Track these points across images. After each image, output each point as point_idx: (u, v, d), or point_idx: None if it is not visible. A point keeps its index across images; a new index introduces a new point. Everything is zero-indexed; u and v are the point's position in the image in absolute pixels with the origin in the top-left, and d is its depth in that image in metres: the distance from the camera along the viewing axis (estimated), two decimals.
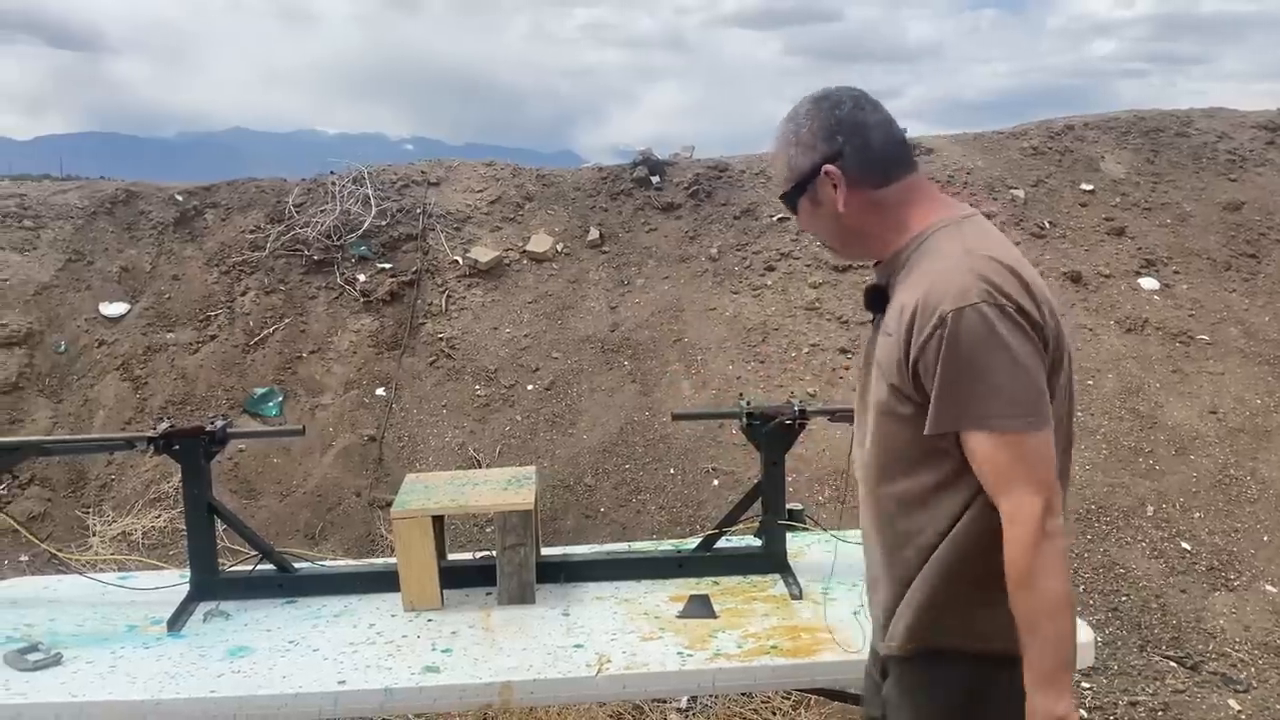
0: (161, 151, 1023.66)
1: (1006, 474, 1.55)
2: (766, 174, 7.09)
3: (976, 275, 1.56)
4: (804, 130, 1.74)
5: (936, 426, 1.59)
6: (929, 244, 1.68)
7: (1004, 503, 1.56)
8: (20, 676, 2.28)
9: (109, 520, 5.00)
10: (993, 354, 1.54)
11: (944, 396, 1.57)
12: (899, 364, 1.62)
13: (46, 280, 6.18)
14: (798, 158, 1.74)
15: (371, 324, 6.11)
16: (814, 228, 1.80)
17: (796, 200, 1.77)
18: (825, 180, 1.72)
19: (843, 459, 5.15)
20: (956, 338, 1.54)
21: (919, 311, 1.58)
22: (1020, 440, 1.54)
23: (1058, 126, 7.58)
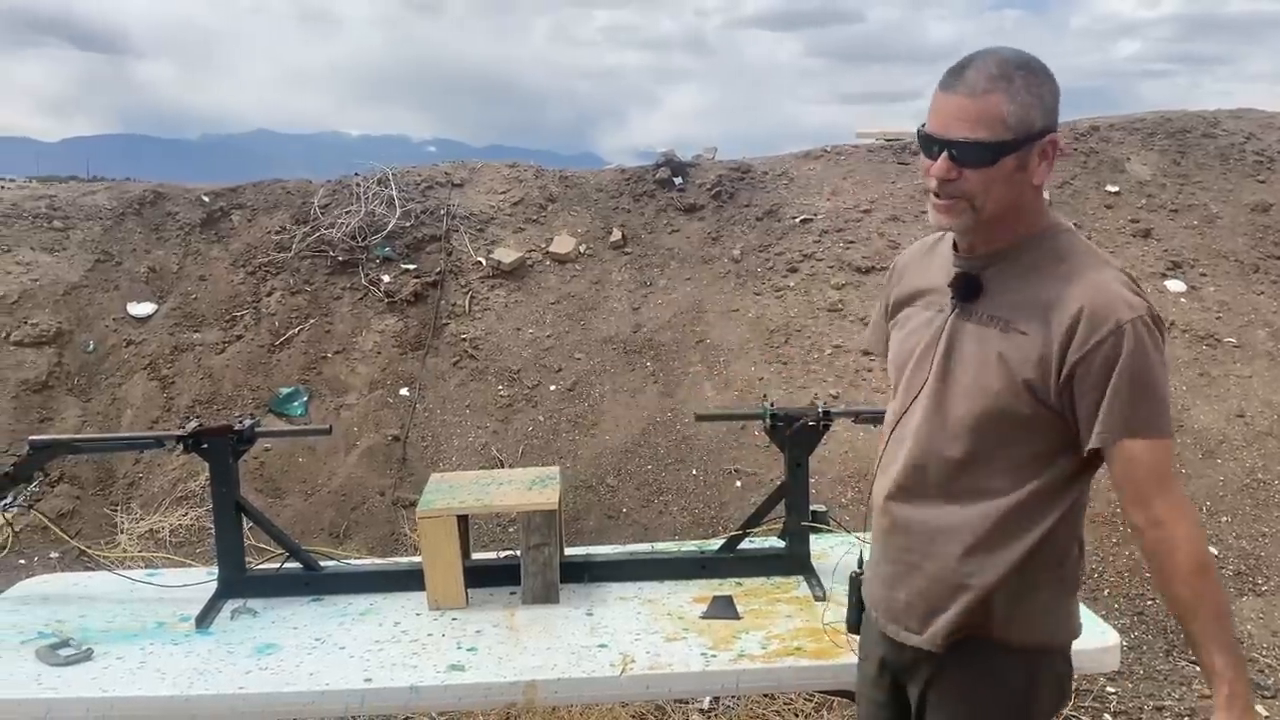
0: (185, 153, 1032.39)
1: (1163, 475, 1.59)
2: (789, 175, 7.09)
3: (1131, 289, 1.59)
4: (1045, 89, 1.59)
5: (1106, 438, 1.58)
6: (1058, 245, 1.65)
7: (1161, 501, 1.58)
8: (52, 671, 2.30)
9: (137, 518, 5.06)
10: (1155, 366, 1.57)
11: (1120, 405, 1.56)
12: (1041, 362, 1.59)
13: (75, 280, 6.26)
14: (1034, 113, 1.56)
15: (395, 324, 6.14)
16: (988, 188, 1.59)
17: (1005, 154, 1.56)
18: (1046, 148, 1.59)
19: (865, 461, 5.15)
20: (1132, 350, 1.55)
21: (1085, 317, 1.56)
22: (1170, 447, 1.61)
23: (1083, 127, 7.52)
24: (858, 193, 6.89)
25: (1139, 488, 1.59)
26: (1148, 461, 1.58)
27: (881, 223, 6.60)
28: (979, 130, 1.55)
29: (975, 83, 1.56)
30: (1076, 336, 1.56)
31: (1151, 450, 1.57)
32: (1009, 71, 1.56)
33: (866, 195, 6.84)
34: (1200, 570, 1.57)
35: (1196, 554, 1.57)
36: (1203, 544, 1.60)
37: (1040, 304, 1.60)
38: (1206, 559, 1.60)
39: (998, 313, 1.65)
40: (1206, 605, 1.57)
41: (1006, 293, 1.65)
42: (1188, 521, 1.59)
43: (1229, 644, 1.58)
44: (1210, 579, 1.58)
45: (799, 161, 7.32)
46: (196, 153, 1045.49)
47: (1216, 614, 1.57)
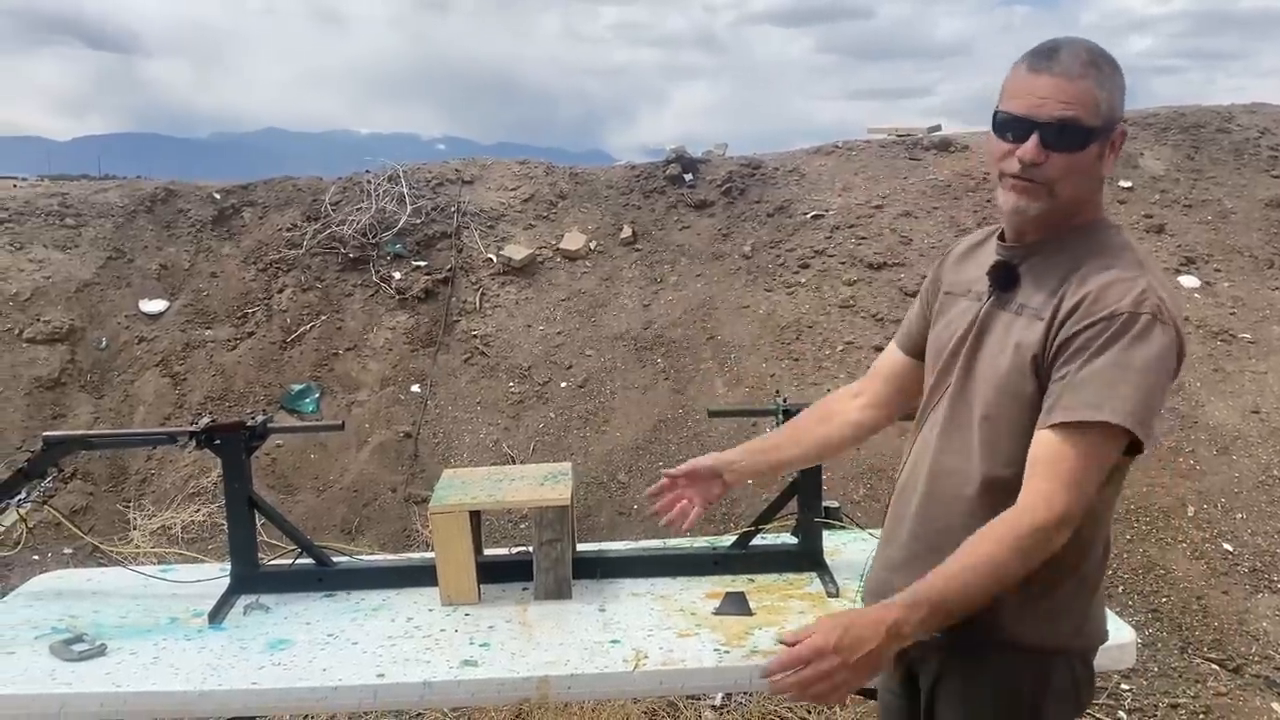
0: (196, 151, 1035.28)
1: (1069, 467, 1.50)
2: (800, 171, 7.07)
3: (1154, 290, 1.53)
4: (1119, 80, 1.59)
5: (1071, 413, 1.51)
6: (1099, 239, 1.62)
7: (1045, 484, 1.51)
8: (66, 666, 2.31)
9: (149, 514, 5.07)
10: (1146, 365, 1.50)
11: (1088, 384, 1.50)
12: (1044, 342, 1.56)
13: (88, 278, 6.28)
14: (1116, 102, 1.58)
15: (406, 321, 6.15)
16: (1069, 174, 1.58)
17: (1093, 140, 1.56)
18: (1118, 138, 1.60)
19: (878, 457, 5.14)
20: (1122, 335, 1.50)
21: (1088, 301, 1.53)
22: (1107, 450, 1.51)
23: None
24: (869, 188, 6.87)
25: (1041, 460, 1.53)
26: (1068, 440, 1.51)
27: (894, 219, 6.57)
28: (1075, 112, 1.54)
29: (1070, 66, 1.54)
30: (1075, 315, 1.53)
31: (1072, 436, 1.50)
32: (1097, 59, 1.56)
33: (878, 191, 6.82)
34: (1000, 543, 1.50)
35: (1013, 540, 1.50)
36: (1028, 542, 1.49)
37: (1066, 291, 1.57)
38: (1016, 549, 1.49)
39: (1029, 301, 1.62)
40: (967, 557, 1.51)
41: (1045, 282, 1.61)
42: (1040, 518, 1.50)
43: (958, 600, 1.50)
44: (998, 562, 1.49)
45: (810, 157, 7.30)
46: (208, 151, 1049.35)
47: (983, 577, 1.50)
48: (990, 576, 1.50)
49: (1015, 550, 1.49)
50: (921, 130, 7.56)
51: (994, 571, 1.50)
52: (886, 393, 2.05)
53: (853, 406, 2.10)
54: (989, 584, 1.50)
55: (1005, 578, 1.51)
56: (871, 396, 2.08)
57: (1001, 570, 1.50)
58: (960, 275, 1.82)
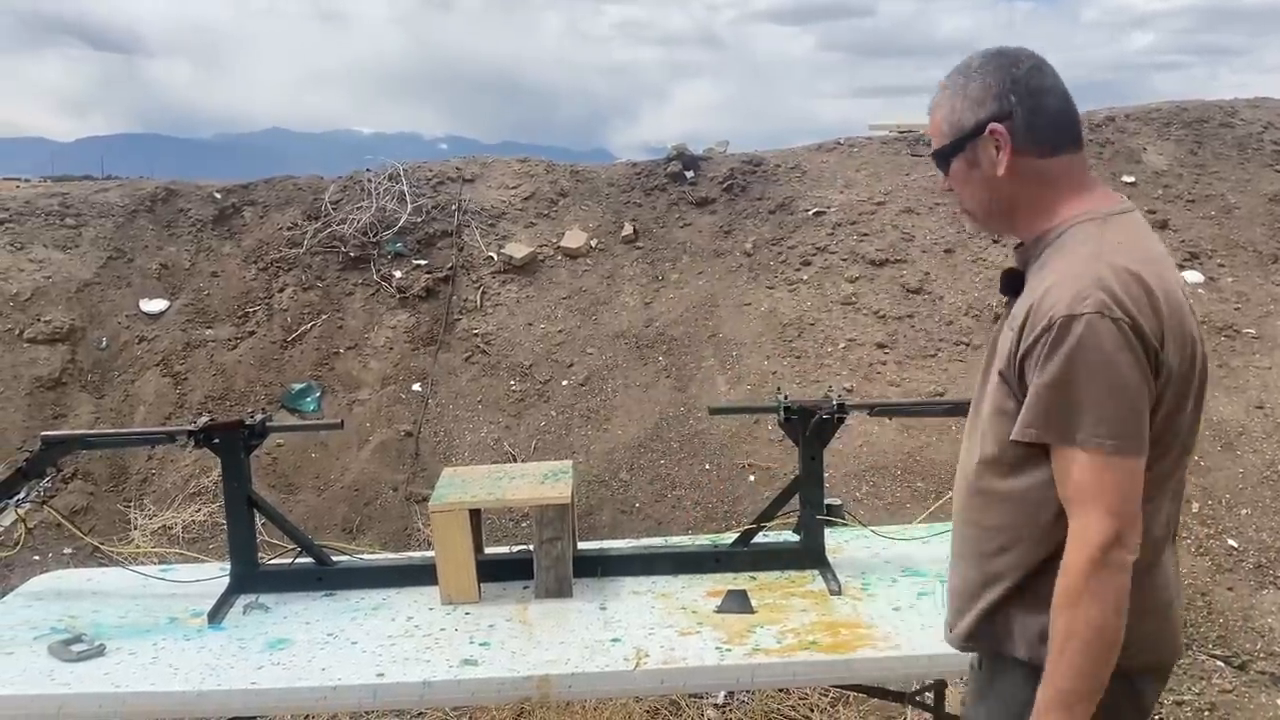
0: (200, 152, 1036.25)
1: (1082, 493, 1.48)
2: (802, 168, 7.05)
3: (1098, 283, 1.47)
4: (974, 84, 1.63)
5: (1022, 433, 1.52)
6: (1066, 236, 1.59)
7: (1074, 521, 1.49)
8: (65, 667, 2.30)
9: (150, 514, 5.06)
10: (1093, 369, 1.46)
11: (1034, 405, 1.50)
12: (1010, 357, 1.56)
13: (88, 278, 6.27)
14: (963, 112, 1.63)
15: (407, 320, 6.14)
16: (963, 192, 1.69)
17: (951, 158, 1.66)
18: (989, 140, 1.61)
19: (880, 455, 5.12)
20: (1059, 346, 1.47)
21: (1033, 311, 1.51)
22: (1105, 462, 1.46)
23: (1098, 118, 7.46)
24: (871, 185, 6.85)
25: (1064, 497, 1.51)
26: (1069, 473, 1.49)
27: (895, 215, 6.55)
28: (934, 143, 1.68)
29: (932, 102, 1.69)
30: (1025, 329, 1.52)
31: (1074, 461, 1.48)
32: (947, 82, 1.66)
33: (880, 188, 6.80)
34: (1065, 602, 1.48)
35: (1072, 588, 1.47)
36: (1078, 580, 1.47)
37: (1024, 299, 1.57)
38: (1079, 595, 1.46)
39: (1014, 310, 1.61)
40: (1056, 641, 1.49)
41: (1025, 291, 1.61)
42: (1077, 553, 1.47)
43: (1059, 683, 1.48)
44: (1071, 614, 1.47)
45: (812, 154, 7.28)
46: (210, 152, 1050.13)
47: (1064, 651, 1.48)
48: (1083, 635, 1.47)
49: (1078, 602, 1.47)
50: (923, 127, 7.53)
51: (1085, 629, 1.46)
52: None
53: None
54: (1087, 641, 1.47)
55: (1098, 628, 1.46)
56: None
57: (1086, 623, 1.46)
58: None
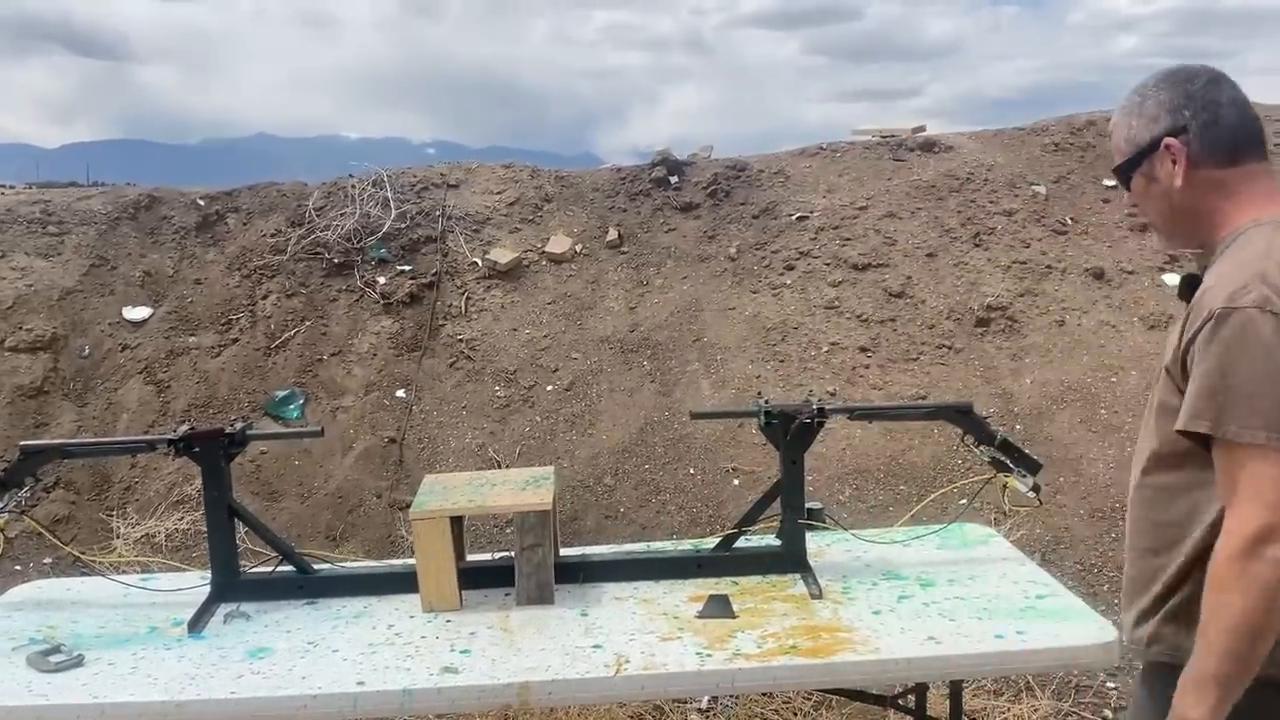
0: (186, 158, 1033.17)
1: (1236, 486, 1.50)
2: (785, 173, 7.08)
3: (1260, 277, 1.51)
4: (1149, 102, 1.70)
5: (1184, 424, 1.55)
6: (1241, 239, 1.62)
7: (1228, 513, 1.51)
8: (42, 678, 2.29)
9: (133, 523, 5.04)
10: (1250, 360, 1.48)
11: (1195, 395, 1.53)
12: (1174, 351, 1.61)
13: (70, 285, 6.24)
14: (1139, 129, 1.70)
15: (391, 326, 6.13)
16: (1145, 206, 1.75)
17: (1131, 174, 1.73)
18: (1165, 154, 1.67)
19: (863, 458, 5.14)
20: (1215, 338, 1.50)
21: (1196, 304, 1.56)
22: (1261, 455, 1.47)
23: (1080, 122, 7.51)
24: (854, 190, 6.87)
25: (1223, 490, 1.54)
26: (1224, 466, 1.52)
27: (878, 219, 6.58)
28: (1115, 158, 1.76)
29: (1114, 116, 1.77)
30: (1189, 323, 1.57)
31: (1228, 454, 1.51)
32: (1125, 102, 1.74)
33: (863, 192, 6.83)
34: (1214, 587, 1.50)
35: (1221, 576, 1.49)
36: (1222, 568, 1.49)
37: (1197, 299, 1.60)
38: (1226, 583, 1.48)
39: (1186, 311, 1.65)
40: (1205, 621, 1.51)
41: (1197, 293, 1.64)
42: (1229, 543, 1.49)
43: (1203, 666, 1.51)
44: (1221, 598, 1.49)
45: (795, 159, 7.31)
46: (197, 157, 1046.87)
47: (1207, 634, 1.51)
48: (1226, 619, 1.48)
49: (1226, 589, 1.48)
50: (906, 131, 7.57)
51: (1228, 613, 1.48)
52: None
53: None
54: (1230, 627, 1.48)
55: (1241, 614, 1.47)
56: None
57: (1230, 608, 1.48)
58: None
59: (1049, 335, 5.86)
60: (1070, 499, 4.89)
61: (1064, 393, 5.50)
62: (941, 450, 5.11)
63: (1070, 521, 4.77)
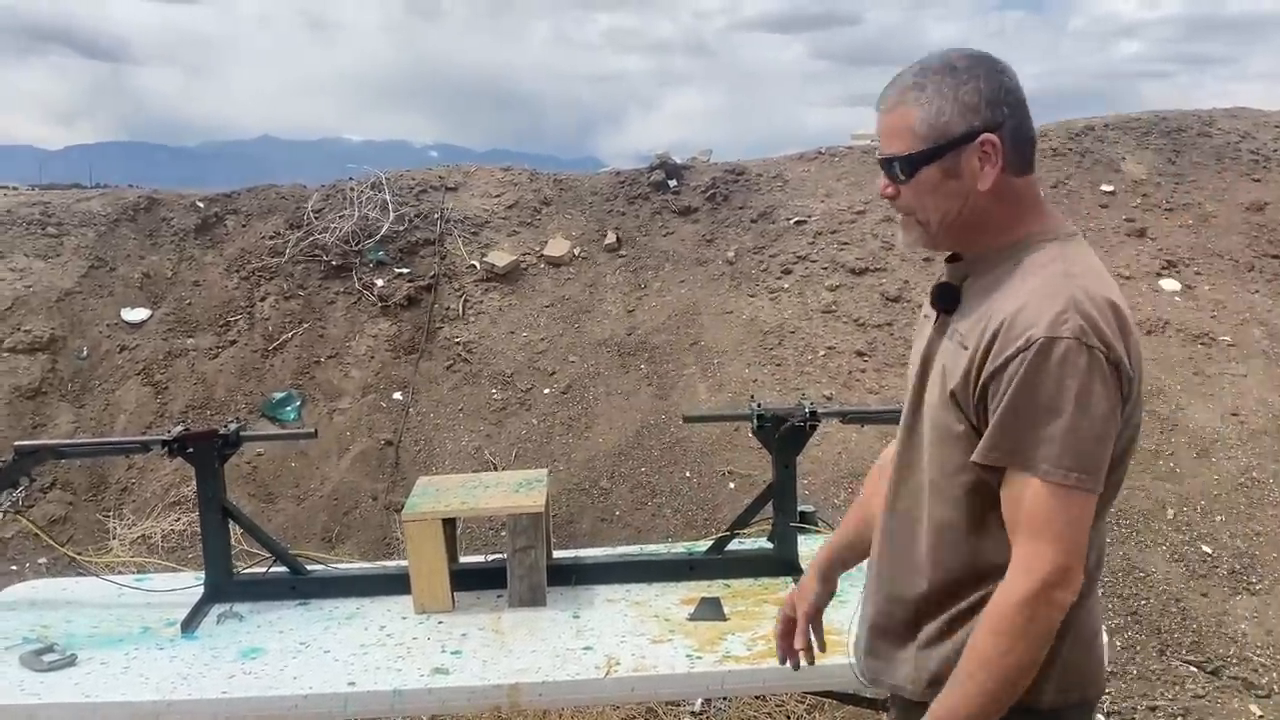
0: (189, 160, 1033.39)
1: (1038, 523, 1.41)
2: (784, 177, 7.09)
3: (1076, 308, 1.41)
4: (966, 88, 1.49)
5: (985, 456, 1.45)
6: (1030, 256, 1.51)
7: (1023, 546, 1.43)
8: (35, 677, 2.30)
9: (129, 523, 5.05)
10: (1068, 397, 1.39)
11: (1003, 427, 1.42)
12: (966, 376, 1.48)
13: (69, 287, 6.25)
14: (952, 117, 1.49)
15: (389, 329, 6.14)
16: (925, 201, 1.54)
17: (923, 164, 1.51)
18: (977, 151, 1.49)
19: (859, 461, 5.14)
20: (1038, 369, 1.39)
21: (1005, 328, 1.43)
22: (1067, 496, 1.40)
23: (1077, 127, 7.52)
24: (852, 194, 6.89)
25: (1013, 521, 1.45)
26: (1026, 501, 1.42)
27: (875, 224, 6.59)
28: (893, 145, 1.53)
29: (888, 97, 1.54)
30: (994, 349, 1.44)
31: (1033, 491, 1.41)
32: (924, 79, 1.51)
33: (860, 197, 6.84)
34: (995, 628, 1.42)
35: (1008, 618, 1.41)
36: (1019, 608, 1.41)
37: (981, 316, 1.49)
38: (1014, 627, 1.41)
39: (959, 326, 1.54)
40: (970, 661, 1.45)
41: (973, 307, 1.54)
42: (1026, 582, 1.41)
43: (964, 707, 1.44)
44: (1000, 642, 1.42)
45: (793, 163, 7.32)
46: (200, 160, 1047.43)
47: (976, 675, 1.43)
48: (1001, 667, 1.42)
49: (1011, 634, 1.42)
50: None
51: (1006, 662, 1.42)
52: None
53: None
54: (1004, 676, 1.43)
55: (1018, 664, 1.42)
56: None
57: (1010, 655, 1.42)
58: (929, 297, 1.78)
59: None
60: None
61: None
62: None
63: None
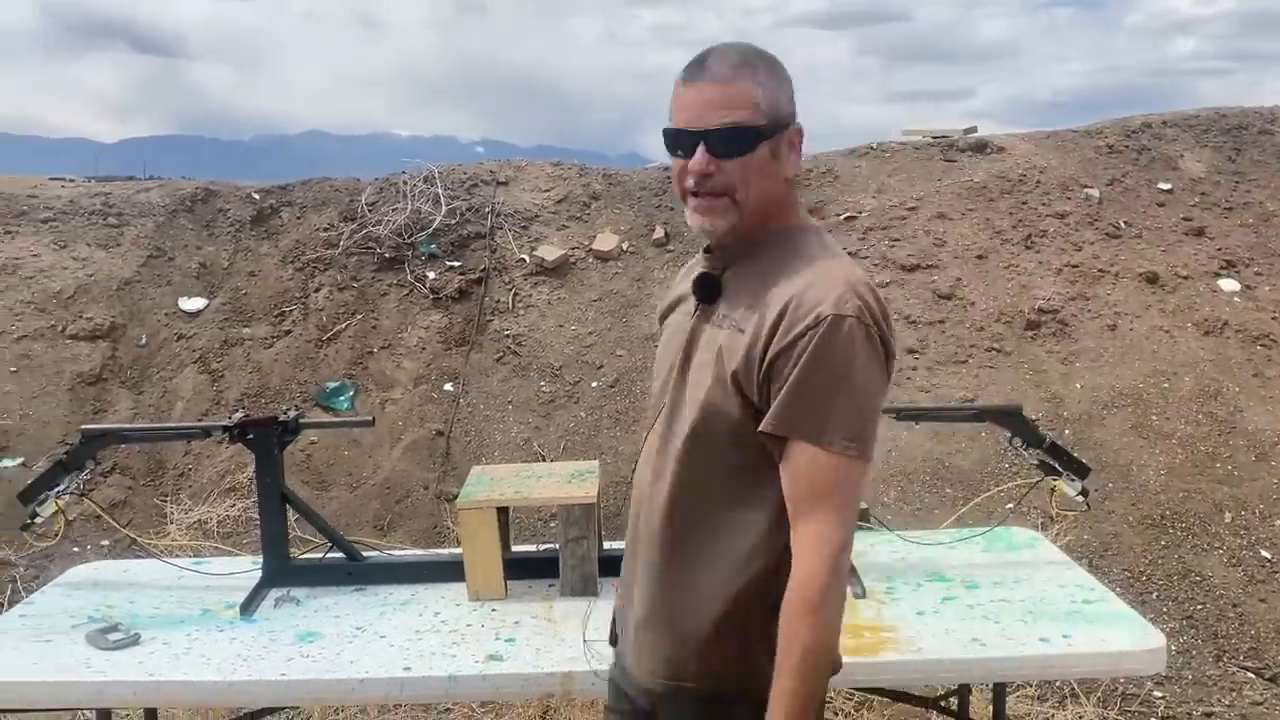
0: (239, 153, 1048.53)
1: (821, 494, 1.46)
2: (834, 172, 7.05)
3: (853, 290, 1.47)
4: (786, 79, 1.57)
5: (775, 426, 1.47)
6: (795, 244, 1.58)
7: (809, 522, 1.46)
8: (101, 655, 2.35)
9: (185, 508, 5.15)
10: (851, 372, 1.45)
11: (793, 399, 1.46)
12: (749, 355, 1.50)
13: (129, 276, 6.38)
14: (785, 101, 1.56)
15: (440, 321, 6.20)
16: (751, 180, 1.54)
17: (762, 140, 1.53)
18: (792, 137, 1.57)
19: (909, 461, 5.11)
20: (826, 344, 1.44)
21: (790, 309, 1.47)
22: (847, 466, 1.45)
23: (1134, 124, 7.40)
24: (904, 190, 6.83)
25: (795, 495, 1.48)
26: (809, 472, 1.46)
27: (927, 220, 6.54)
28: (735, 115, 1.51)
29: (720, 70, 1.52)
30: (780, 327, 1.47)
31: (817, 461, 1.45)
32: (751, 59, 1.53)
33: (912, 193, 6.78)
34: (810, 608, 1.44)
35: (811, 592, 1.44)
36: (823, 583, 1.44)
37: (763, 302, 1.52)
38: (826, 600, 1.44)
39: (731, 313, 1.57)
40: (795, 650, 1.45)
41: (743, 293, 1.57)
42: (821, 555, 1.44)
43: (803, 699, 1.45)
44: (814, 621, 1.44)
45: (844, 159, 7.27)
46: (250, 153, 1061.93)
47: (804, 663, 1.44)
48: (823, 642, 1.46)
49: (825, 610, 1.45)
50: (957, 132, 7.51)
51: (826, 635, 1.46)
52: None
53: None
54: (826, 648, 1.47)
55: (831, 639, 1.47)
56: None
57: (828, 629, 1.46)
58: (677, 291, 1.77)
59: (1100, 340, 5.78)
60: (1119, 505, 4.83)
61: (1115, 398, 5.42)
62: (988, 454, 5.07)
63: (1119, 528, 4.71)
